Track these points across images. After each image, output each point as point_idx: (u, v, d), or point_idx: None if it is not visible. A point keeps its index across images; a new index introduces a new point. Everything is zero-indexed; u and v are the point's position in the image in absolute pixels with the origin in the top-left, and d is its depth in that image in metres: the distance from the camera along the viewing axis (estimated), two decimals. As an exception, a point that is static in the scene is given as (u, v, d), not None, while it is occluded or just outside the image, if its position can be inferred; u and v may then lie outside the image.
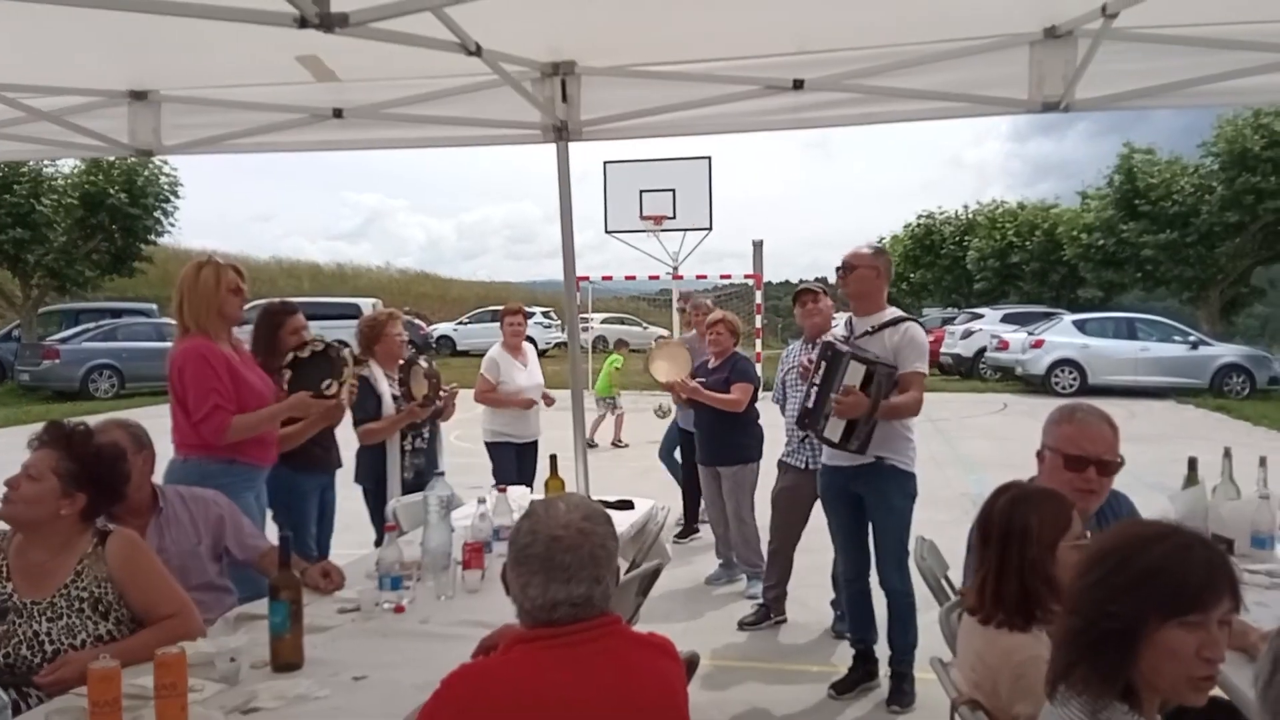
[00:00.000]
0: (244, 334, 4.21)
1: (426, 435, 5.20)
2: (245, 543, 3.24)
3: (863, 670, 4.53)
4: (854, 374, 3.96)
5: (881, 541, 4.30)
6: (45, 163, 21.97)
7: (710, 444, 6.06)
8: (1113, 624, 1.58)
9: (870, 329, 4.22)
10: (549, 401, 6.40)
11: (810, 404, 4.22)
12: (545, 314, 32.84)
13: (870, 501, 4.28)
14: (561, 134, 4.50)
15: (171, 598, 2.67)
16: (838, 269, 4.36)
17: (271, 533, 3.50)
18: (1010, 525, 2.26)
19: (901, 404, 4.10)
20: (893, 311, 4.31)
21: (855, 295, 4.29)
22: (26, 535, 2.59)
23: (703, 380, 6.03)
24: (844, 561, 4.56)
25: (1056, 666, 1.67)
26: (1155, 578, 1.57)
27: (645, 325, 33.90)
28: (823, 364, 4.16)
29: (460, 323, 30.59)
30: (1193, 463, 3.64)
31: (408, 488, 4.90)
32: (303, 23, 2.78)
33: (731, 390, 5.86)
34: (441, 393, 5.09)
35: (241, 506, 3.45)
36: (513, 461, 6.18)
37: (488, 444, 6.25)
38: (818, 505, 5.25)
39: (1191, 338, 19.03)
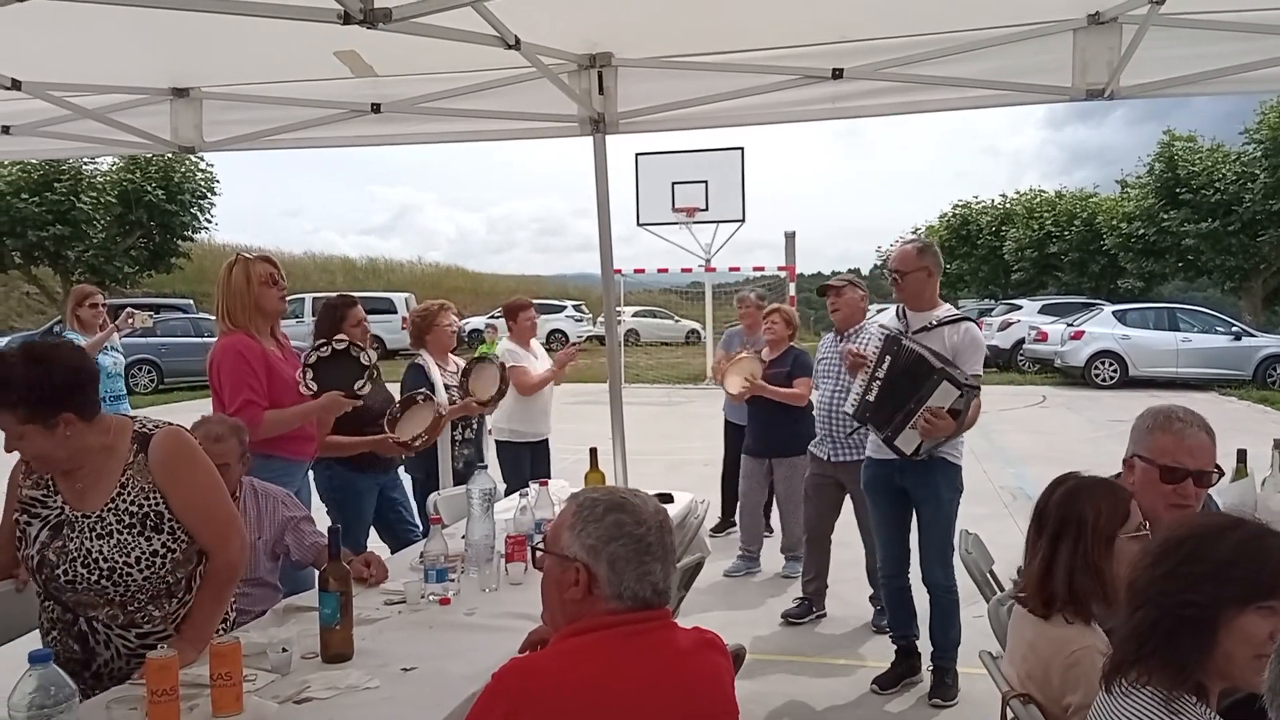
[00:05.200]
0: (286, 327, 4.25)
1: (475, 426, 5.28)
2: (304, 543, 3.27)
3: (905, 665, 4.50)
4: (944, 395, 3.85)
5: (927, 536, 4.25)
6: (84, 160, 22.32)
7: (767, 436, 6.07)
8: (1190, 613, 1.60)
9: (929, 325, 4.15)
10: (568, 359, 6.30)
11: (871, 398, 4.10)
12: (576, 307, 32.91)
13: (918, 495, 4.24)
14: (598, 127, 4.50)
15: (211, 520, 2.51)
16: (889, 271, 4.29)
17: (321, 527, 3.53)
18: (1065, 517, 2.22)
19: (971, 418, 4.03)
20: (948, 308, 4.27)
21: (912, 296, 4.24)
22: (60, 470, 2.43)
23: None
24: (884, 557, 4.51)
25: (1121, 659, 1.66)
26: (1233, 566, 1.60)
27: (677, 318, 33.87)
28: (887, 358, 4.05)
29: (493, 316, 30.69)
30: (1242, 454, 3.58)
31: (458, 477, 4.98)
32: (347, 19, 2.80)
33: (794, 384, 5.89)
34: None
35: None
36: (527, 461, 6.02)
37: (500, 443, 6.05)
38: (846, 498, 5.26)
39: (1234, 328, 18.68)
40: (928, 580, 4.30)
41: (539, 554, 1.93)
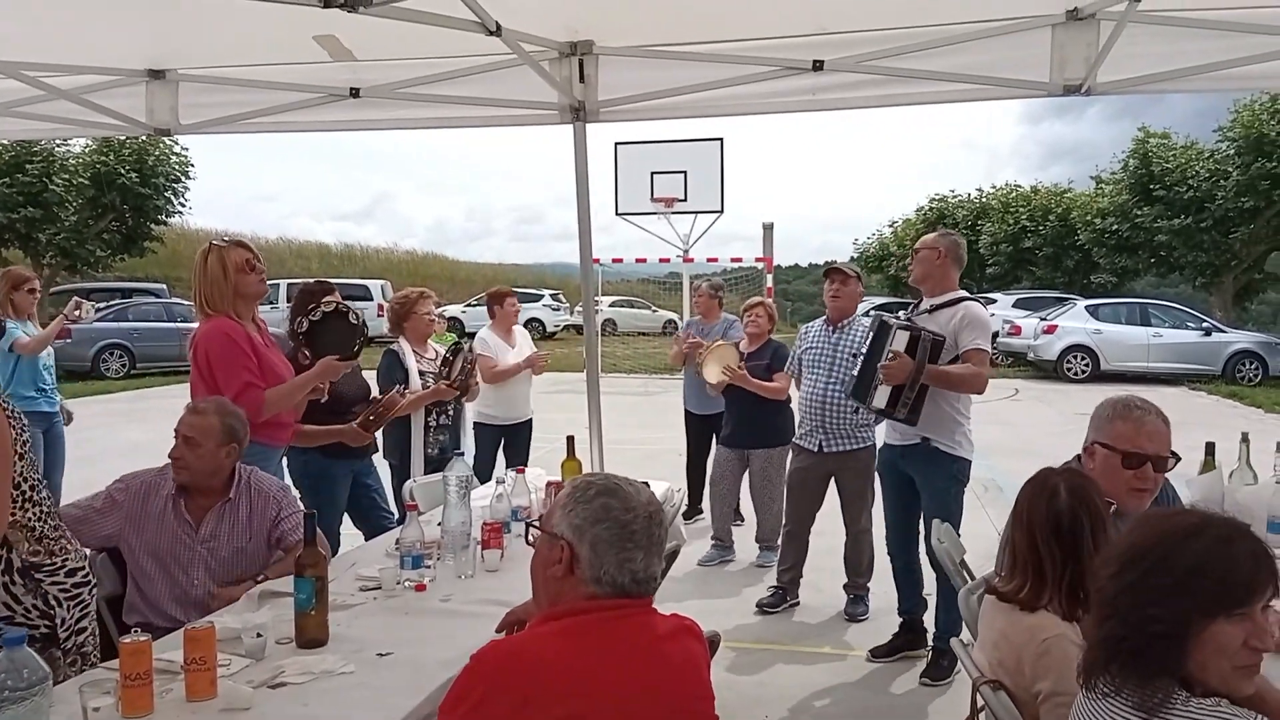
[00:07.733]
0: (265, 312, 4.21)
1: (451, 413, 5.26)
2: (286, 542, 3.21)
3: (905, 638, 4.62)
4: (899, 340, 4.04)
5: (926, 523, 4.35)
6: (57, 142, 22.03)
7: (745, 427, 6.07)
8: (1158, 627, 1.51)
9: (929, 308, 4.33)
10: (538, 368, 6.42)
11: (856, 373, 4.45)
12: (554, 296, 32.82)
13: (918, 483, 4.38)
14: (579, 115, 4.49)
15: None
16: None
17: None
18: (1095, 518, 2.21)
19: (957, 374, 4.14)
20: (955, 292, 4.37)
21: (920, 278, 4.43)
22: None
23: (741, 365, 6.01)
24: (891, 535, 4.69)
25: (1092, 664, 1.61)
26: (1201, 576, 1.51)
27: (654, 308, 33.84)
28: (870, 335, 4.36)
29: (469, 304, 30.55)
30: (1210, 448, 3.63)
31: (431, 464, 4.96)
32: (327, 2, 2.78)
33: (775, 378, 5.90)
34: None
35: None
36: (492, 443, 6.27)
37: (474, 424, 6.23)
38: (832, 488, 5.30)
39: (1205, 324, 18.93)
40: (933, 565, 4.35)
41: (535, 532, 1.95)
